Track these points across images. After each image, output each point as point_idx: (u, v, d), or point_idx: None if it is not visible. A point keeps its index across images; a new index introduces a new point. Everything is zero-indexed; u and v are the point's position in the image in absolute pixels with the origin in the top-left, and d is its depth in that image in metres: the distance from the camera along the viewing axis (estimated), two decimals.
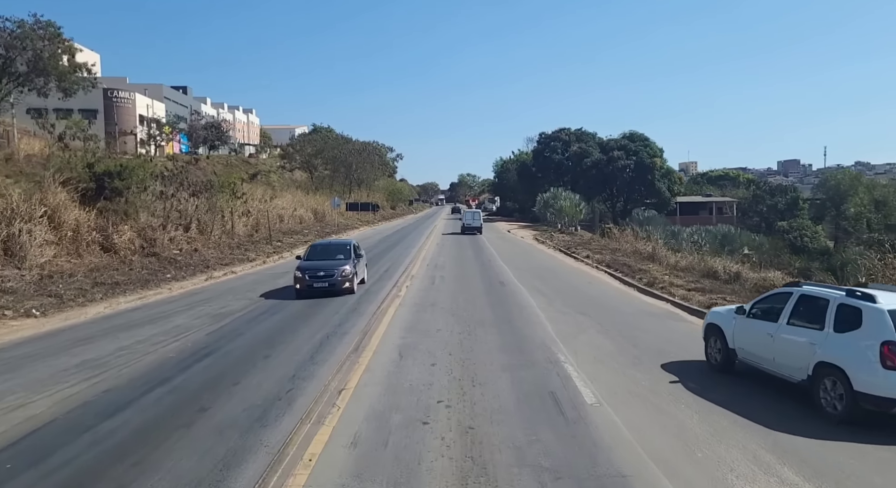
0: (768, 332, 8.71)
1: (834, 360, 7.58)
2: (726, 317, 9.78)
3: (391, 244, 37.69)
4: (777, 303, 8.89)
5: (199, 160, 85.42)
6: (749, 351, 9.17)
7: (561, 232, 44.43)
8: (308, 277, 17.04)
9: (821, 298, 8.23)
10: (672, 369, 9.74)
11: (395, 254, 30.07)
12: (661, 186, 59.99)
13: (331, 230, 48.11)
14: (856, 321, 7.56)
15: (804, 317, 8.32)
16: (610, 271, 22.81)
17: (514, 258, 28.39)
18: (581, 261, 27.01)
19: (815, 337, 7.95)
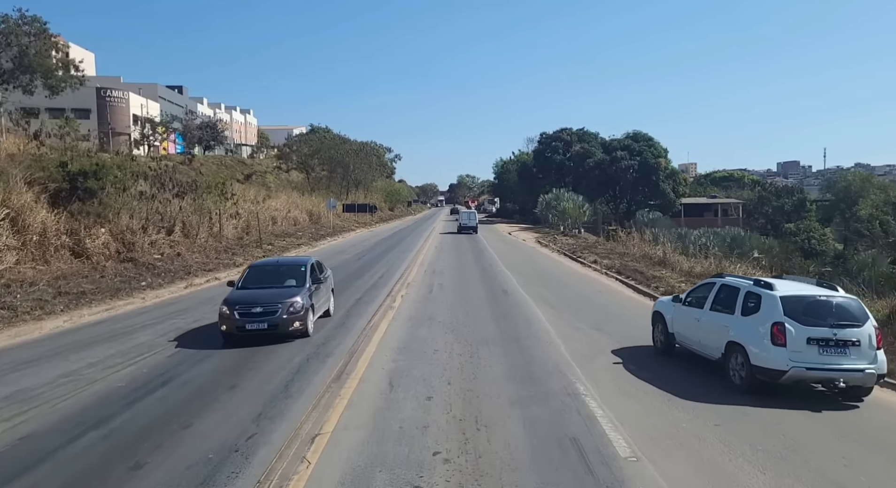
0: (696, 318, 10.18)
1: (739, 340, 9.08)
2: (668, 306, 11.24)
3: (388, 247, 36.13)
4: (704, 292, 10.32)
5: (193, 160, 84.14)
6: (683, 334, 10.59)
7: (564, 234, 42.90)
8: (238, 315, 11.57)
9: (734, 287, 9.71)
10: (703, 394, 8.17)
11: (391, 259, 28.51)
12: (666, 187, 58.46)
13: (326, 232, 46.55)
14: (756, 306, 9.06)
15: (722, 303, 9.75)
16: (621, 278, 21.23)
17: (517, 263, 26.82)
18: (588, 266, 25.45)
19: (729, 320, 9.40)
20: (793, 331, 8.57)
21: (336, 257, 30.10)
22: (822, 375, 8.55)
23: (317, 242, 38.86)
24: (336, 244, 39.55)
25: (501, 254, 31.34)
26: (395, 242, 40.53)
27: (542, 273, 23.40)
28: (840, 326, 8.64)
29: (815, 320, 8.67)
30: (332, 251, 33.94)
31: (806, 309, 8.83)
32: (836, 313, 8.80)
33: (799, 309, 8.80)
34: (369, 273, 23.00)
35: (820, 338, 8.57)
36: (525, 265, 26.20)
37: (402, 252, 32.40)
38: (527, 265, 26.22)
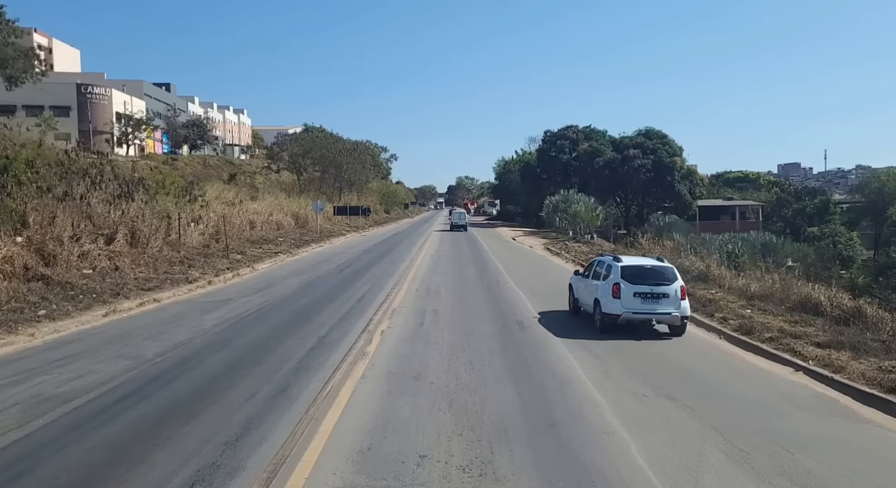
0: (584, 285, 14.86)
1: (598, 296, 13.50)
2: (575, 279, 15.89)
3: (378, 255, 31.69)
4: (592, 267, 15.08)
5: (177, 160, 79.65)
6: (580, 298, 15.23)
7: (576, 240, 38.49)
8: None
9: (604, 261, 14.51)
10: None
11: (378, 271, 24.07)
12: (682, 189, 54.10)
13: (312, 238, 42.11)
14: (608, 273, 13.55)
15: (596, 274, 14.28)
16: None
17: (529, 278, 22.42)
18: None
19: (597, 284, 13.85)
20: (625, 289, 12.82)
21: (316, 268, 25.72)
22: (643, 317, 12.99)
23: (299, 249, 34.46)
24: (320, 251, 35.15)
25: (508, 264, 26.94)
26: (387, 249, 36.13)
27: (563, 293, 19.00)
28: (656, 284, 12.94)
29: (640, 281, 12.96)
30: (314, 260, 29.56)
31: (635, 273, 13.19)
32: (655, 276, 13.18)
33: (631, 273, 13.14)
34: (348, 292, 18.58)
35: (642, 292, 12.85)
36: (539, 281, 21.76)
37: (393, 262, 27.98)
38: (541, 281, 21.77)
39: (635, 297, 12.68)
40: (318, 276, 22.82)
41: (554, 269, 26.01)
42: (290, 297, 17.68)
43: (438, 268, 25.34)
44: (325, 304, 16.26)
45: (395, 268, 25.43)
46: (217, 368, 9.93)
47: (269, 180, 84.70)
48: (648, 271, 13.29)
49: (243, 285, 20.80)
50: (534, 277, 22.77)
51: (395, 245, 40.17)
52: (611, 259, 14.16)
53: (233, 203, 39.35)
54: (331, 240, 43.46)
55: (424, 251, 34.21)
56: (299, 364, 10.12)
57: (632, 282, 12.84)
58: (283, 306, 16.20)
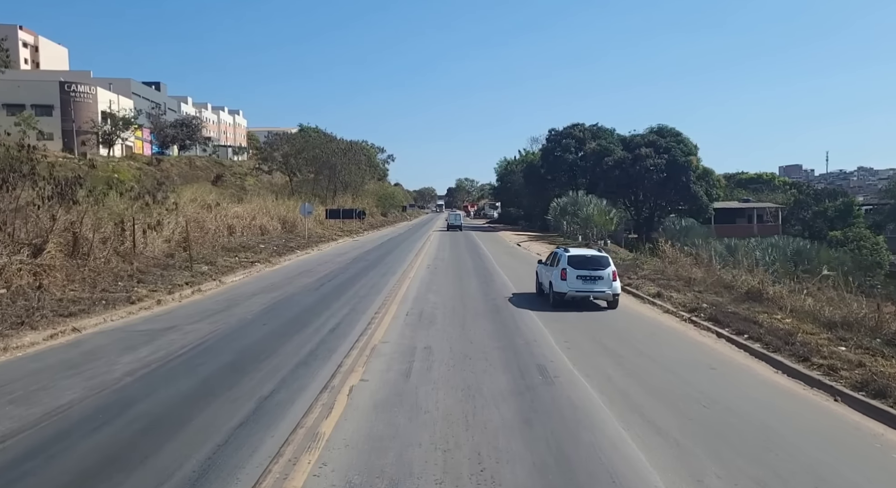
0: (544, 271, 18.44)
1: (551, 279, 17.10)
2: (539, 267, 19.45)
3: (368, 265, 28.03)
4: (551, 257, 18.47)
5: (162, 161, 75.99)
6: (541, 282, 18.69)
7: (587, 247, 34.66)
8: None
9: (558, 252, 18.06)
10: None
11: (364, 287, 20.36)
12: (698, 190, 50.40)
13: (299, 244, 38.46)
14: (558, 261, 17.21)
15: (552, 261, 17.95)
16: (730, 336, 12.87)
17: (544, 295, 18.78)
18: (652, 304, 17.35)
19: (551, 269, 17.45)
20: (571, 272, 16.67)
21: (293, 281, 22.08)
22: (583, 295, 16.76)
23: (281, 258, 30.81)
24: (304, 260, 31.49)
25: (516, 277, 23.25)
26: (380, 257, 32.47)
27: (587, 317, 15.27)
28: (594, 270, 16.81)
29: (582, 267, 16.80)
30: (294, 271, 25.92)
31: (578, 261, 17.03)
32: (594, 263, 17.01)
33: (575, 261, 17.01)
34: (322, 317, 14.89)
35: (583, 275, 16.69)
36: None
37: (383, 274, 24.29)
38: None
39: (578, 279, 16.55)
40: (293, 293, 19.15)
41: None
42: (246, 325, 14.00)
43: (435, 282, 21.64)
44: (287, 337, 12.56)
45: (384, 281, 21.74)
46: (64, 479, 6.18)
47: (260, 182, 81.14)
48: (589, 259, 17.17)
49: (198, 306, 17.12)
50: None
51: (389, 251, 36.51)
52: (562, 250, 18.13)
53: (210, 206, 35.69)
54: (319, 247, 39.82)
55: (420, 259, 30.53)
56: (204, 465, 6.37)
57: (575, 267, 16.71)
58: (233, 340, 12.51)
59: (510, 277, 23.01)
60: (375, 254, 34.99)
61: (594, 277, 16.56)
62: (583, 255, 17.42)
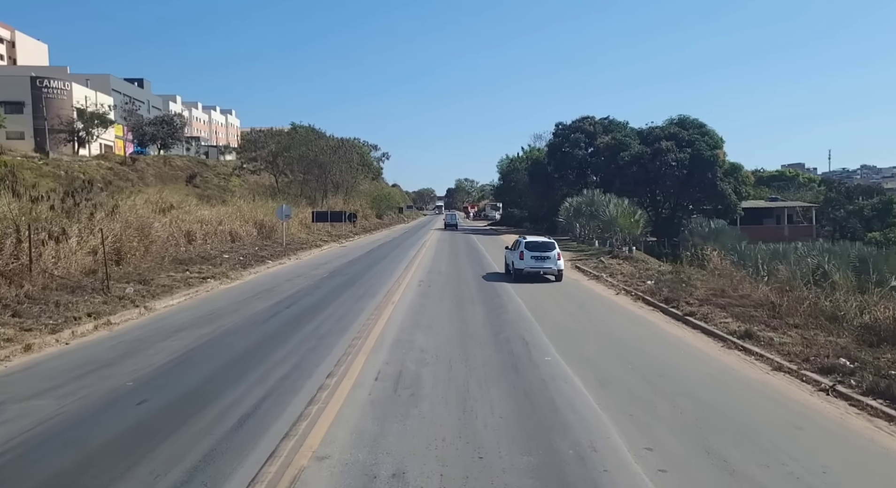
0: (509, 254, 24.39)
1: (513, 259, 23.15)
2: (507, 251, 25.43)
3: (346, 280, 22.60)
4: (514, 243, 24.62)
5: (137, 160, 70.60)
6: (507, 263, 24.42)
7: (611, 254, 29.25)
8: None
9: (520, 239, 24.37)
10: None
11: (328, 319, 14.81)
12: (725, 187, 44.98)
13: (274, 252, 33.20)
14: (518, 246, 23.36)
15: (514, 247, 23.99)
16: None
17: (582, 337, 13.22)
18: (742, 349, 11.68)
19: (513, 253, 23.47)
20: (527, 254, 22.21)
21: (241, 309, 16.71)
22: (535, 271, 22.35)
23: (245, 271, 25.53)
24: (273, 274, 26.19)
25: (534, 300, 17.76)
26: (364, 269, 27.07)
27: (664, 392, 9.65)
28: (543, 251, 22.36)
29: (535, 250, 22.43)
30: (252, 290, 20.61)
31: (532, 245, 22.73)
32: (543, 247, 22.63)
33: (530, 246, 22.70)
34: (238, 389, 9.32)
35: (536, 255, 22.18)
36: (603, 346, 12.52)
37: (361, 296, 18.76)
38: (608, 346, 12.56)
39: (532, 259, 22.40)
40: (229, 330, 13.73)
41: (611, 314, 16.50)
42: (113, 403, 8.60)
43: (427, 310, 16.15)
44: (159, 440, 7.14)
45: (359, 308, 16.29)
46: None
47: (246, 183, 75.75)
48: (540, 244, 23.23)
49: (81, 353, 11.81)
50: (587, 333, 13.63)
51: (377, 261, 31.11)
52: (522, 238, 24.74)
53: (164, 209, 30.29)
54: (298, 255, 34.49)
55: (412, 273, 25.12)
56: None
57: (530, 250, 22.71)
58: (63, 445, 7.11)
59: (527, 303, 17.54)
60: (360, 264, 29.60)
61: (543, 257, 22.40)
62: (536, 241, 23.64)
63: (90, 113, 64.71)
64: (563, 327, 13.96)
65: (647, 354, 11.56)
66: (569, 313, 15.88)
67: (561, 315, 15.56)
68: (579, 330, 13.80)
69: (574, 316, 15.50)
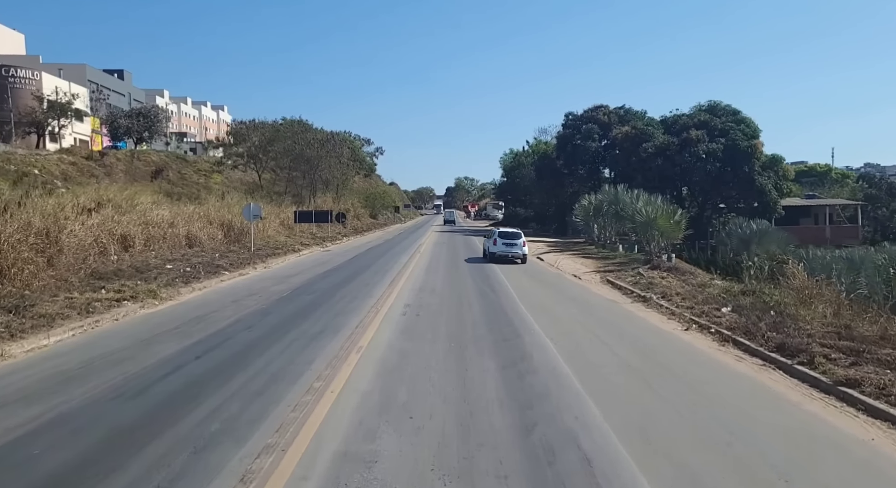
0: (486, 242, 32.32)
1: (488, 245, 30.95)
2: (485, 240, 34.17)
3: (305, 306, 16.72)
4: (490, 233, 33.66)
5: (107, 155, 64.74)
6: (484, 249, 32.42)
7: (652, 265, 23.34)
8: None
9: (493, 230, 35.79)
10: None
11: (224, 408, 9.13)
12: (765, 182, 39.17)
13: (236, 260, 27.64)
14: (493, 234, 31.36)
15: (488, 236, 32.78)
16: None
17: (689, 447, 7.53)
18: None
19: (489, 241, 31.36)
20: (499, 241, 29.41)
21: (145, 352, 11.07)
22: (505, 254, 29.12)
23: (188, 286, 19.99)
24: (224, 289, 20.59)
25: (576, 352, 12.00)
26: (338, 284, 21.27)
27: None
28: (511, 239, 29.57)
29: (505, 238, 29.71)
30: (183, 315, 15.14)
31: (503, 234, 30.21)
32: (512, 236, 29.93)
33: (502, 234, 30.24)
34: None
35: (506, 242, 29.28)
36: (716, 461, 6.82)
37: (317, 334, 12.81)
38: (721, 460, 6.82)
39: (503, 245, 29.23)
40: (85, 404, 8.00)
41: (700, 370, 10.49)
42: None
43: (409, 365, 10.25)
44: None
45: (305, 360, 10.44)
46: None
47: (230, 180, 70.08)
48: (509, 234, 30.32)
49: None
50: (684, 425, 7.83)
51: (359, 272, 25.34)
52: (496, 229, 32.90)
53: (91, 209, 24.56)
54: (267, 263, 28.85)
55: (399, 290, 19.30)
56: None
57: (501, 238, 29.69)
58: None
59: (561, 348, 11.75)
60: (338, 276, 23.88)
61: (511, 244, 29.46)
62: (507, 232, 31.14)
63: (52, 102, 58.71)
64: (636, 405, 8.20)
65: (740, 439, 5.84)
66: (635, 372, 10.04)
67: (623, 374, 9.77)
68: (668, 418, 7.99)
69: (645, 378, 9.66)
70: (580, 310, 16.05)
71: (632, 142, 44.00)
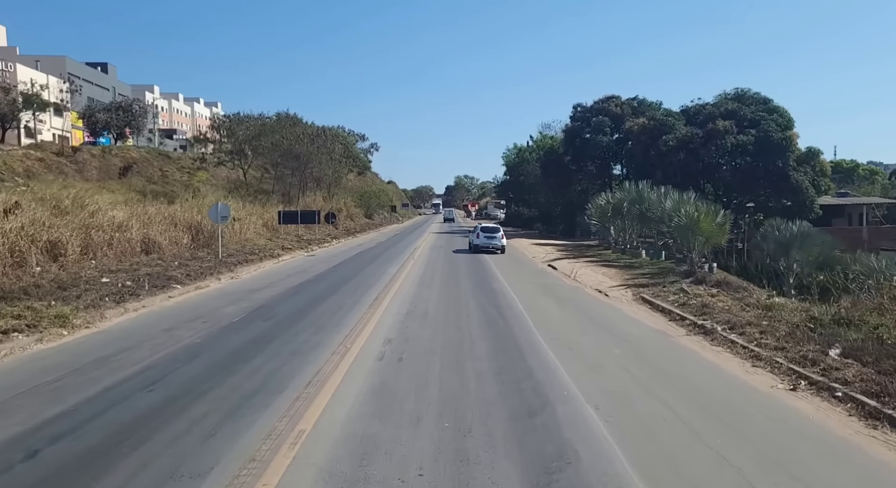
0: (471, 236, 38.61)
1: (472, 238, 37.56)
2: (470, 235, 40.90)
3: (246, 345, 12.38)
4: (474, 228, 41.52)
5: (80, 151, 60.48)
6: (469, 241, 38.28)
7: (696, 279, 19.00)
8: None
9: (476, 225, 41.94)
10: None
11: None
12: (801, 179, 34.94)
13: (196, 270, 23.56)
14: (476, 229, 38.26)
15: (473, 230, 40.16)
16: None
17: None
18: None
19: (472, 234, 38.61)
20: (481, 234, 35.99)
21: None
22: (487, 246, 35.29)
23: (119, 306, 15.98)
24: (165, 310, 16.45)
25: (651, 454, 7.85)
26: (311, 301, 17.05)
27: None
28: (492, 233, 36.36)
29: (486, 232, 36.49)
30: (81, 357, 10.83)
31: (485, 229, 37.38)
32: (492, 230, 36.98)
33: (483, 229, 37.39)
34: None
35: (487, 236, 35.76)
36: None
37: (257, 391, 8.63)
38: None
39: (484, 237, 35.00)
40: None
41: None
42: None
43: (375, 476, 6.21)
44: None
45: (207, 467, 6.35)
46: None
47: (215, 178, 65.87)
48: (490, 228, 36.88)
49: None
50: None
51: (338, 286, 21.07)
52: (479, 225, 39.40)
53: (13, 209, 20.31)
54: (235, 272, 24.80)
55: (379, 316, 15.00)
56: None
57: (483, 232, 35.79)
58: None
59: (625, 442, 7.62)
60: (309, 292, 19.64)
61: (492, 237, 35.53)
62: (488, 226, 38.45)
63: (25, 95, 54.47)
64: None
65: None
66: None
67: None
68: None
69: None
70: (623, 348, 11.79)
71: (649, 134, 39.75)
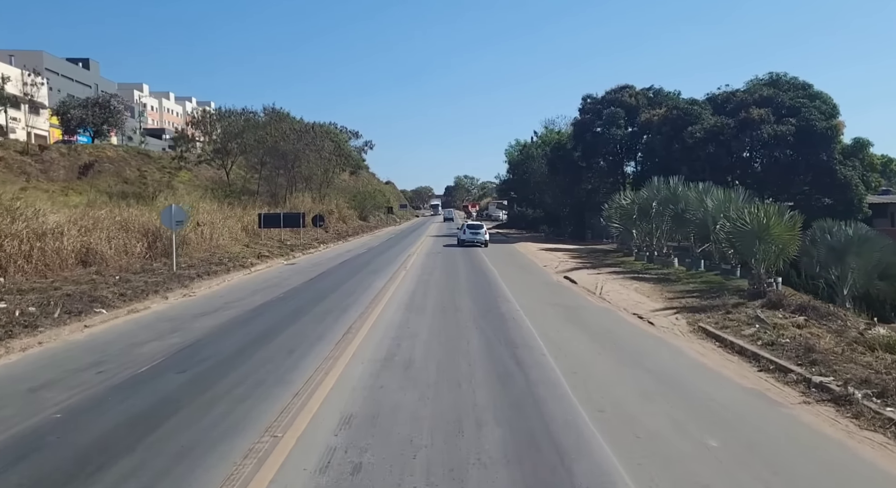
0: (459, 232, 46.17)
1: (460, 233, 44.39)
2: (458, 231, 49.34)
3: (121, 433, 8.19)
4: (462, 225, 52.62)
5: (47, 149, 56.19)
6: (458, 237, 44.24)
7: (768, 303, 14.70)
8: None
9: (463, 223, 57.70)
10: None
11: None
12: (850, 174, 30.64)
13: (133, 288, 19.27)
14: (464, 226, 48.14)
15: (460, 228, 50.78)
16: None
17: None
18: None
19: (460, 231, 46.15)
20: (467, 231, 42.94)
21: None
22: (471, 239, 41.40)
23: (3, 344, 11.33)
24: (65, 349, 11.98)
25: None
26: (266, 332, 12.72)
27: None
28: (476, 229, 43.32)
29: (471, 228, 43.79)
30: None
31: (471, 226, 44.89)
32: (476, 227, 44.40)
33: (468, 226, 44.97)
34: None
35: (472, 232, 42.41)
36: None
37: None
38: None
39: (470, 233, 41.76)
40: None
41: None
42: None
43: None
44: None
45: None
46: None
47: (198, 178, 61.54)
48: (475, 225, 44.75)
49: None
50: None
51: (303, 311, 16.64)
52: (466, 222, 53.99)
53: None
54: (190, 288, 20.67)
55: (346, 364, 10.67)
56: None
57: (469, 229, 43.07)
58: None
59: None
60: (269, 318, 15.31)
61: (476, 233, 41.47)
62: (473, 224, 45.96)
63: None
64: None
65: None
66: None
67: None
68: None
69: None
70: (719, 437, 7.39)
71: (672, 125, 35.45)
